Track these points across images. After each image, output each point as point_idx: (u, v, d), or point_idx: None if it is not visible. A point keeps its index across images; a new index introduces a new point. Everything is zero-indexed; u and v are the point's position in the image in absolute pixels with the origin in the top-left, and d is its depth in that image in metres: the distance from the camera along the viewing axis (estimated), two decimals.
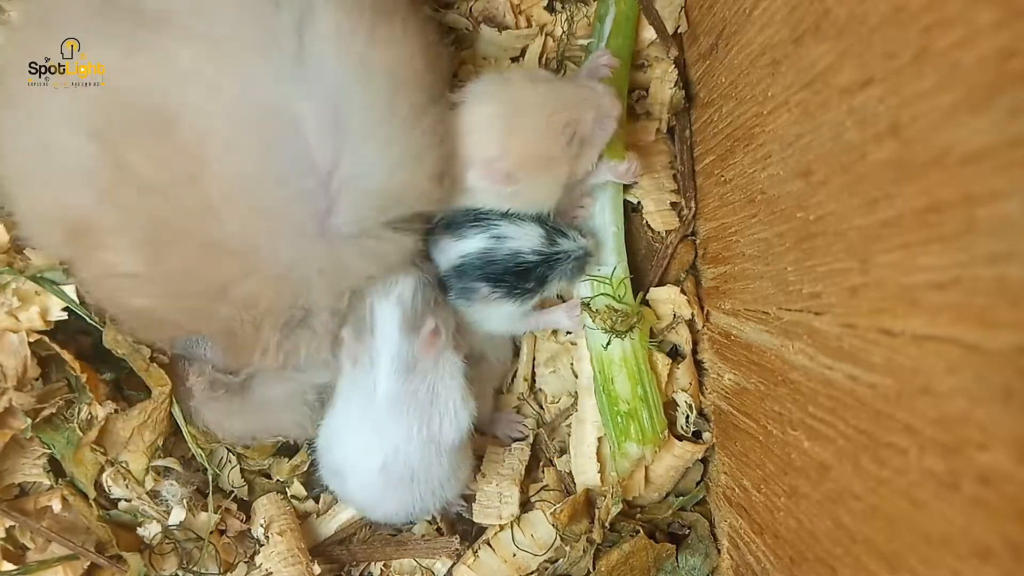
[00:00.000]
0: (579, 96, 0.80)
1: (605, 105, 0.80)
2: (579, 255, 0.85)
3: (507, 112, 0.79)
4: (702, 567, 0.89)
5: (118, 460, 0.84)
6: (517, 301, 0.84)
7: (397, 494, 0.81)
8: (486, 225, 0.82)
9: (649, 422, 0.86)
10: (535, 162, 0.80)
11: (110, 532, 0.83)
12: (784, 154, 0.68)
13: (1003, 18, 0.40)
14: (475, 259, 0.82)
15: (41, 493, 0.85)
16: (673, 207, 0.95)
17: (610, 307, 0.88)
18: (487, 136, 0.79)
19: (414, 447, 0.79)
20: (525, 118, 0.78)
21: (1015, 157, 0.40)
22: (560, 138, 0.79)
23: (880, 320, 0.53)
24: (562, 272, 0.84)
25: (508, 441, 0.95)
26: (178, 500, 0.86)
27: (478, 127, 0.79)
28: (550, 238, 0.83)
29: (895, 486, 0.51)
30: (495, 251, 0.82)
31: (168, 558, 0.87)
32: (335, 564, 0.91)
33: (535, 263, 0.82)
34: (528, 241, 0.82)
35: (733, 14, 0.79)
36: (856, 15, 0.54)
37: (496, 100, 0.80)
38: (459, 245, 0.82)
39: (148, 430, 0.83)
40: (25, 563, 0.82)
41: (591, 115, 0.80)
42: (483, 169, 0.79)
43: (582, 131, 0.80)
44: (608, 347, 0.87)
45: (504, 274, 0.82)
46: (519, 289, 0.83)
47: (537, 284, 0.84)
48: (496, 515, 0.89)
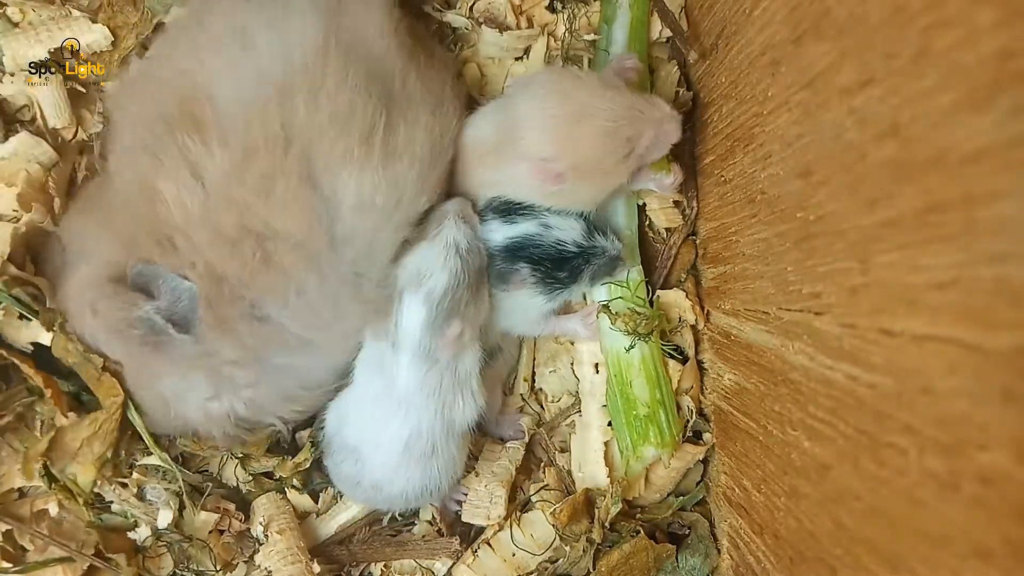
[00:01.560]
0: (644, 111, 0.80)
1: (667, 129, 0.81)
2: (614, 255, 0.86)
3: (570, 114, 0.78)
4: (702, 567, 0.89)
5: (65, 472, 0.82)
6: (548, 292, 0.85)
7: (417, 470, 0.83)
8: (535, 214, 0.84)
9: (667, 425, 0.87)
10: (588, 169, 0.80)
11: (98, 535, 0.83)
12: (784, 154, 0.68)
13: (1003, 18, 0.40)
14: (522, 241, 0.83)
15: (39, 496, 0.85)
16: (676, 205, 0.96)
17: (632, 310, 0.88)
18: (546, 136, 0.79)
19: (437, 426, 0.81)
20: (588, 125, 0.78)
21: (1015, 157, 0.40)
22: (618, 151, 0.79)
23: (880, 320, 0.53)
24: (594, 269, 0.86)
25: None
26: (163, 502, 0.86)
27: (538, 125, 0.79)
28: (590, 233, 0.84)
29: (895, 486, 0.51)
30: (542, 236, 0.83)
31: (164, 559, 0.87)
32: (335, 564, 0.91)
33: (575, 254, 0.84)
34: (571, 233, 0.84)
35: (733, 14, 0.79)
36: (856, 15, 0.54)
37: (562, 100, 0.79)
38: (510, 228, 0.84)
39: (98, 441, 0.81)
40: (24, 563, 0.82)
41: (651, 133, 0.80)
42: (536, 168, 0.79)
43: (639, 147, 0.80)
44: (630, 350, 0.87)
45: (545, 259, 0.83)
46: (552, 278, 0.84)
47: (570, 277, 0.85)
48: (484, 515, 0.89)
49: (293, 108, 0.71)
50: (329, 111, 0.72)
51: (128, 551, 0.85)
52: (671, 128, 0.81)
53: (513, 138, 0.80)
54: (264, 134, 0.71)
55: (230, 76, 0.73)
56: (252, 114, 0.71)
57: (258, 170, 0.71)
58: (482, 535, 0.90)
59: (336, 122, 0.72)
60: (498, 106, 0.85)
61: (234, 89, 0.72)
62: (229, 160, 0.71)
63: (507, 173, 0.82)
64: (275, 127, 0.71)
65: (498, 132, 0.82)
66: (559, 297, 0.87)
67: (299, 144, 0.72)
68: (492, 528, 0.89)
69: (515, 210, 0.84)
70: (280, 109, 0.71)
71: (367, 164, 0.73)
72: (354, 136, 0.73)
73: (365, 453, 0.83)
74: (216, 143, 0.71)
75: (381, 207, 0.75)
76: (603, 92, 0.78)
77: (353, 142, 0.72)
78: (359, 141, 0.73)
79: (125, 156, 0.79)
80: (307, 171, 0.72)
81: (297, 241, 0.72)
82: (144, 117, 0.76)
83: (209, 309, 0.73)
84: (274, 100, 0.71)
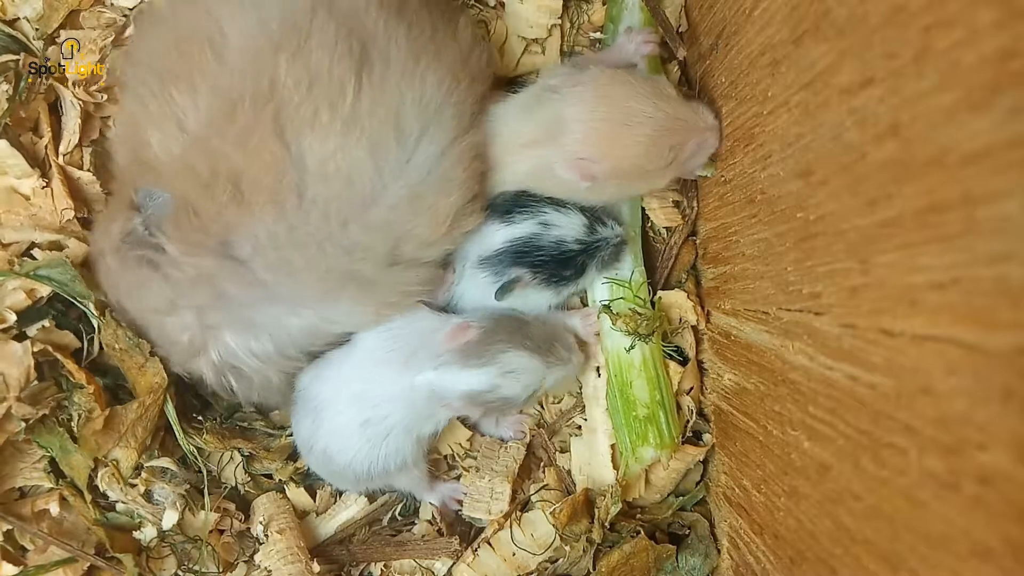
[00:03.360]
0: (689, 120, 0.80)
1: (709, 140, 0.81)
2: (616, 242, 0.85)
3: (618, 120, 0.78)
4: (702, 567, 0.89)
5: (110, 457, 0.84)
6: (555, 289, 0.85)
7: (365, 448, 0.83)
8: (534, 211, 0.83)
9: (666, 426, 0.87)
10: (627, 173, 0.80)
11: (104, 534, 0.83)
12: (784, 154, 0.68)
13: (1003, 18, 0.40)
14: (522, 245, 0.82)
15: (39, 496, 0.85)
16: (676, 205, 0.96)
17: (633, 311, 0.88)
18: (591, 138, 0.78)
19: (401, 423, 0.82)
20: (634, 132, 0.78)
21: (1015, 157, 0.40)
22: (661, 159, 0.79)
23: (880, 320, 0.53)
24: (599, 261, 0.85)
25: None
26: (170, 503, 0.86)
27: (585, 127, 0.78)
28: (591, 226, 0.84)
29: (895, 486, 0.51)
30: (542, 237, 0.82)
31: (167, 560, 0.87)
32: (335, 564, 0.91)
33: (577, 251, 0.83)
34: (572, 230, 0.83)
35: (733, 14, 0.79)
36: (856, 15, 0.53)
37: (611, 104, 0.79)
38: (507, 230, 0.83)
39: (141, 426, 0.83)
40: (25, 565, 0.82)
41: (694, 143, 0.80)
42: (575, 164, 0.79)
43: (682, 155, 0.80)
44: (630, 351, 0.87)
45: (548, 262, 0.82)
46: (558, 277, 0.84)
47: (576, 273, 0.85)
48: (485, 510, 0.89)
49: (277, 65, 0.72)
50: (305, 72, 0.72)
51: (133, 551, 0.85)
52: (712, 139, 0.81)
53: (555, 135, 0.79)
54: (251, 86, 0.72)
55: (234, 22, 0.74)
56: (246, 63, 0.73)
57: (239, 121, 0.72)
58: (482, 534, 0.90)
59: (308, 84, 0.72)
60: (537, 99, 0.83)
61: (236, 36, 0.74)
62: (214, 109, 0.73)
63: (540, 166, 0.81)
64: (263, 82, 0.72)
65: (538, 127, 0.81)
66: (566, 291, 0.87)
67: (276, 102, 0.72)
68: (492, 527, 0.89)
69: (515, 207, 0.83)
70: (269, 63, 0.72)
71: (330, 130, 0.73)
72: (323, 101, 0.73)
73: (325, 416, 0.83)
74: (205, 89, 0.73)
75: (343, 174, 0.74)
76: (652, 100, 0.78)
77: (322, 106, 0.72)
78: (327, 106, 0.73)
79: (124, 106, 0.82)
80: (280, 129, 0.72)
81: (269, 192, 0.73)
82: (141, 68, 0.78)
83: (178, 229, 0.74)
84: (266, 53, 0.72)
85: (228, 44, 0.74)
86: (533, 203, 0.84)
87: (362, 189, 0.74)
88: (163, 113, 0.74)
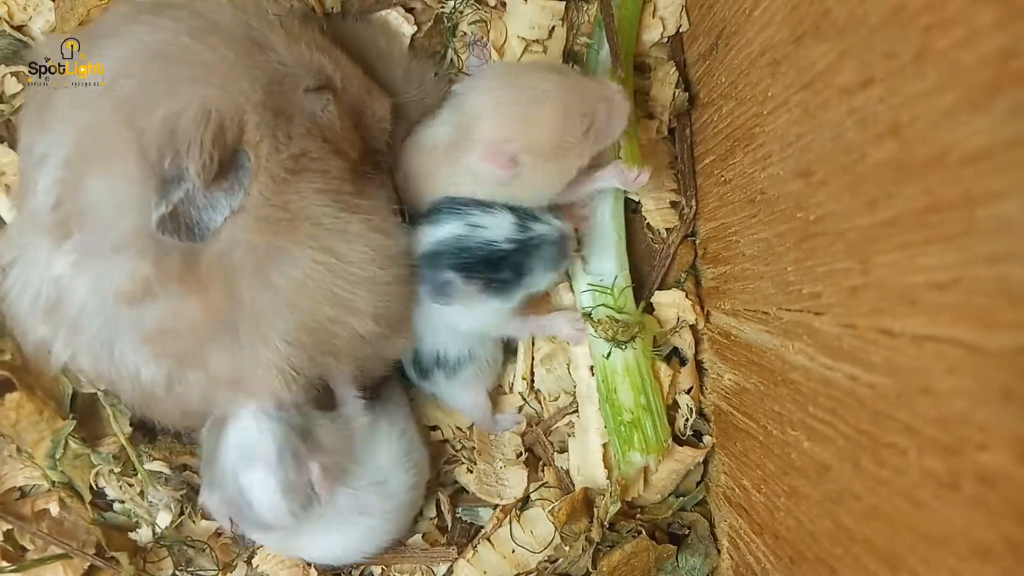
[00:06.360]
0: (593, 88, 0.80)
1: (619, 103, 0.80)
2: (555, 238, 0.81)
3: (524, 99, 0.77)
4: (702, 567, 0.89)
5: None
6: (498, 295, 0.81)
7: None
8: (461, 212, 0.80)
9: (652, 431, 0.86)
10: (548, 150, 0.78)
11: (100, 533, 0.83)
12: (784, 154, 0.68)
13: (1003, 18, 0.40)
14: (449, 246, 0.80)
15: (39, 496, 0.85)
16: (673, 206, 0.95)
17: (611, 317, 0.87)
18: (499, 120, 0.77)
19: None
20: (541, 106, 0.77)
21: (1015, 157, 0.40)
22: (576, 127, 0.77)
23: (880, 320, 0.53)
24: (542, 259, 0.81)
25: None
26: (164, 504, 0.86)
27: (488, 112, 0.78)
28: (522, 224, 0.80)
29: (895, 486, 0.51)
30: (468, 238, 0.79)
31: (164, 562, 0.87)
32: (334, 566, 0.91)
33: (508, 251, 0.79)
34: (500, 230, 0.79)
35: (733, 14, 0.79)
36: (856, 15, 0.54)
37: (512, 86, 0.78)
38: (434, 231, 0.80)
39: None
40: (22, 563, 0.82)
41: (604, 107, 0.79)
42: (487, 151, 0.77)
43: (597, 122, 0.79)
44: (609, 357, 0.87)
45: (477, 263, 0.79)
46: (495, 281, 0.80)
47: (514, 274, 0.80)
48: (496, 494, 0.89)
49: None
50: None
51: (129, 551, 0.85)
52: (621, 102, 0.80)
53: (467, 131, 0.78)
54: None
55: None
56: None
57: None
58: (482, 531, 0.90)
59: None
60: (450, 106, 0.84)
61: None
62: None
63: (461, 166, 0.80)
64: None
65: (453, 129, 0.81)
66: (516, 295, 0.83)
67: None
68: (492, 523, 0.89)
69: (441, 210, 0.81)
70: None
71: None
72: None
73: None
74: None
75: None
76: (552, 75, 0.78)
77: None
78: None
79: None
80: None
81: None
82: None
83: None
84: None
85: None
86: (462, 205, 0.81)
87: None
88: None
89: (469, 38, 0.94)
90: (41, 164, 0.67)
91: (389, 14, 0.91)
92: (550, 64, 0.84)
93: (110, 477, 0.85)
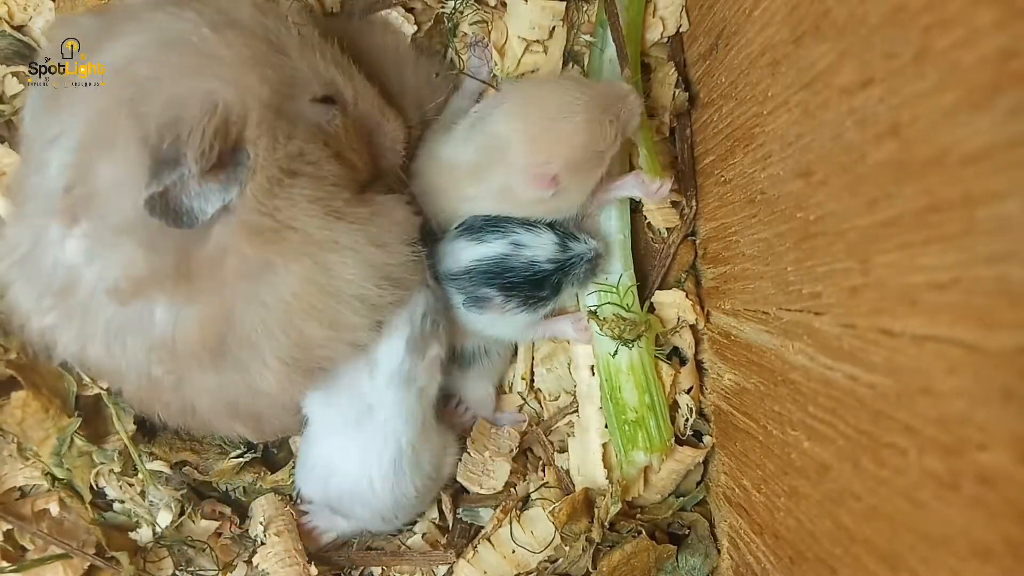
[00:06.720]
0: (610, 91, 0.81)
1: (632, 101, 0.81)
2: (591, 257, 0.84)
3: (552, 117, 0.78)
4: (702, 567, 0.89)
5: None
6: (532, 310, 0.84)
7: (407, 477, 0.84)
8: (506, 231, 0.82)
9: (656, 430, 0.86)
10: (581, 161, 0.79)
11: (100, 533, 0.83)
12: (784, 154, 0.68)
13: (1003, 18, 0.40)
14: (491, 265, 0.81)
15: (39, 496, 0.85)
16: (674, 206, 0.95)
17: (618, 316, 0.88)
18: (536, 144, 0.78)
19: (415, 438, 0.83)
20: (571, 120, 0.77)
21: (1015, 157, 0.40)
22: (608, 133, 0.79)
23: (880, 320, 0.53)
24: (575, 277, 0.84)
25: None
26: (164, 504, 0.86)
27: (525, 135, 0.78)
28: (563, 244, 0.83)
29: (895, 486, 0.51)
30: (513, 258, 0.81)
31: (164, 562, 0.87)
32: (334, 566, 0.91)
33: (550, 271, 0.82)
34: (543, 250, 0.82)
35: (733, 14, 0.79)
36: (856, 15, 0.54)
37: (538, 107, 0.79)
38: (477, 249, 0.82)
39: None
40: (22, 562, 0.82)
41: (624, 108, 0.80)
42: (532, 175, 0.78)
43: (619, 121, 0.80)
44: (616, 355, 0.87)
45: (520, 283, 0.81)
46: (534, 298, 0.83)
47: (552, 292, 0.84)
48: (477, 483, 0.90)
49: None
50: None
51: (129, 551, 0.85)
52: (634, 99, 0.81)
53: (499, 154, 0.79)
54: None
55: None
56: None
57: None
58: (482, 531, 0.90)
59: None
60: (471, 127, 0.84)
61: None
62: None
63: (494, 187, 0.81)
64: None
65: (479, 151, 0.81)
66: (544, 310, 0.86)
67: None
68: (492, 523, 0.89)
69: (485, 227, 0.83)
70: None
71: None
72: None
73: (362, 491, 0.83)
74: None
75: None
76: (573, 88, 0.79)
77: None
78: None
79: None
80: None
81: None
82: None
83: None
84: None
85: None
86: (505, 223, 0.82)
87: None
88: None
89: (470, 39, 0.94)
90: (53, 144, 0.67)
91: (389, 14, 0.91)
92: (563, 76, 0.84)
93: (110, 477, 0.85)
